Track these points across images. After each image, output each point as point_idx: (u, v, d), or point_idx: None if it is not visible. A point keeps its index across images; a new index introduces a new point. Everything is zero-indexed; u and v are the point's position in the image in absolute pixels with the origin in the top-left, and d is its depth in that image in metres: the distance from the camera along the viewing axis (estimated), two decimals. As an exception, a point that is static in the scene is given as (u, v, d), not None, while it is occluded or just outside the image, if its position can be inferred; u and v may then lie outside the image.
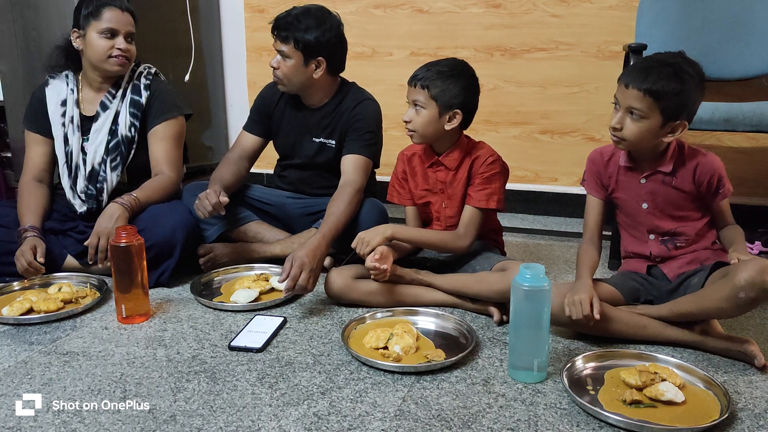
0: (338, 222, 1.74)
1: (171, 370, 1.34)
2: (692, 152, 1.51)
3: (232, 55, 3.05)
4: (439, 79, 1.61)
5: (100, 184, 1.90)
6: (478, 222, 1.68)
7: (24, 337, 1.50)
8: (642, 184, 1.54)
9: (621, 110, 1.45)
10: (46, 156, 1.94)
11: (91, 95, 1.92)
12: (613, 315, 1.45)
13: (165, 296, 1.76)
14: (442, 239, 1.69)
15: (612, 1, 2.46)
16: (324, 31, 1.84)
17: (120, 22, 1.82)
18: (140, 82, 1.93)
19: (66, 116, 1.90)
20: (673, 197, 1.52)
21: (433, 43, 2.70)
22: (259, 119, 2.05)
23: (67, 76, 1.93)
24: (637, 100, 1.40)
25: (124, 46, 1.83)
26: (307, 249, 1.62)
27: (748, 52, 2.16)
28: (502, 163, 1.71)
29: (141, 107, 1.91)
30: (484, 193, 1.67)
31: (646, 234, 1.57)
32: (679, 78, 1.38)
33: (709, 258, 1.52)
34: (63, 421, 1.15)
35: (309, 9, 1.87)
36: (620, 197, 1.59)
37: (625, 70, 1.47)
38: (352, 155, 1.89)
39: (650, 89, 1.39)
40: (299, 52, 1.83)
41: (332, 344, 1.46)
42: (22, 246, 1.71)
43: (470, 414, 1.17)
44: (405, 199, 1.82)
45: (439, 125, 1.64)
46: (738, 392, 1.26)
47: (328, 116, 1.96)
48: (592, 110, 2.57)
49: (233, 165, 1.99)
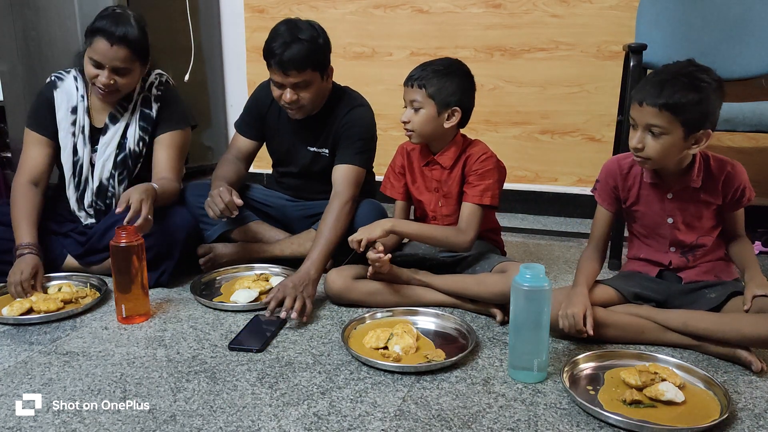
0: (328, 243, 1.71)
1: (171, 370, 1.34)
2: (719, 164, 1.47)
3: (232, 55, 3.05)
4: (435, 78, 1.61)
5: (109, 200, 1.87)
6: (477, 218, 1.67)
7: (24, 337, 1.50)
8: (669, 200, 1.49)
9: (639, 129, 1.39)
10: (46, 158, 1.85)
11: (101, 104, 1.85)
12: (610, 321, 1.44)
13: (165, 296, 1.76)
14: (444, 233, 1.68)
15: (612, 1, 2.46)
16: (323, 35, 1.79)
17: (106, 56, 1.69)
18: (151, 94, 1.87)
19: (77, 125, 1.83)
20: (701, 211, 1.49)
21: (433, 43, 2.70)
22: (251, 121, 2.02)
23: (76, 78, 1.85)
24: (655, 116, 1.35)
25: (105, 80, 1.71)
26: (294, 277, 1.61)
27: (747, 52, 2.16)
28: (496, 160, 1.71)
29: (151, 121, 1.86)
30: (478, 189, 1.67)
31: (666, 246, 1.54)
32: (696, 87, 1.33)
33: (723, 270, 1.51)
34: (63, 421, 1.15)
35: (293, 24, 1.76)
36: (640, 211, 1.55)
37: (637, 87, 1.40)
38: (343, 165, 1.85)
39: (667, 104, 1.33)
40: (317, 72, 1.77)
41: (332, 344, 1.46)
42: (22, 265, 1.65)
43: (470, 414, 1.17)
44: (397, 193, 1.82)
45: (438, 123, 1.64)
46: (738, 392, 1.26)
47: (322, 124, 1.92)
48: (592, 110, 2.57)
49: (232, 164, 1.98)
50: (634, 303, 1.50)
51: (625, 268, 1.66)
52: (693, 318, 1.40)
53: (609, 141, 2.47)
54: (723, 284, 1.48)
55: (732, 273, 1.54)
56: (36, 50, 2.37)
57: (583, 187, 2.65)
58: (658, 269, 1.56)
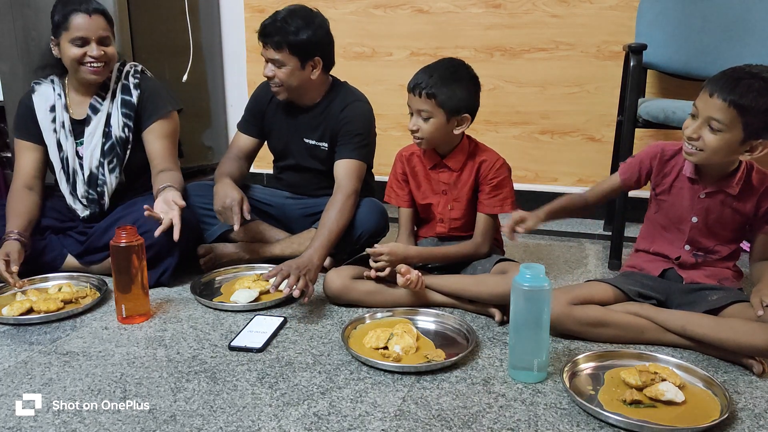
0: (330, 234, 1.73)
1: (171, 370, 1.34)
2: (761, 177, 1.45)
3: (231, 55, 3.05)
4: (444, 86, 1.58)
5: (100, 187, 1.89)
6: (492, 227, 1.72)
7: (24, 337, 1.50)
8: (700, 198, 1.48)
9: (699, 120, 1.37)
10: (36, 162, 1.91)
11: (79, 98, 1.90)
12: (610, 320, 1.44)
13: (165, 296, 1.76)
14: (466, 253, 1.71)
15: (612, 1, 2.46)
16: (315, 30, 1.81)
17: (89, 28, 1.75)
18: (129, 81, 1.90)
19: (56, 122, 1.88)
20: (727, 218, 1.48)
21: (433, 43, 2.70)
22: (252, 119, 2.05)
23: (53, 81, 1.90)
24: (720, 111, 1.32)
25: (96, 52, 1.77)
26: (298, 260, 1.62)
27: (747, 52, 2.15)
28: (507, 166, 1.72)
29: (133, 107, 1.89)
30: (497, 199, 1.68)
31: (682, 242, 1.54)
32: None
33: (728, 278, 1.51)
34: (63, 421, 1.15)
35: (293, 10, 1.83)
36: (668, 201, 1.54)
37: (712, 78, 1.37)
38: (344, 160, 1.87)
39: (736, 101, 1.30)
40: (295, 57, 1.81)
41: (332, 344, 1.46)
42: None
43: (470, 414, 1.17)
44: (402, 201, 1.81)
45: (448, 130, 1.64)
46: (738, 392, 1.26)
47: (318, 117, 1.94)
48: (592, 110, 2.57)
49: (234, 162, 2.00)
50: (635, 300, 1.49)
51: (630, 260, 1.66)
52: (692, 322, 1.40)
53: (609, 141, 2.46)
54: (726, 290, 1.47)
55: (737, 284, 1.53)
56: (36, 50, 2.37)
57: (583, 187, 2.64)
58: (662, 268, 1.56)
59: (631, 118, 2.04)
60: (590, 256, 2.18)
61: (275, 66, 1.83)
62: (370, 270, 1.64)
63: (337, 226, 1.75)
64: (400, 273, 1.60)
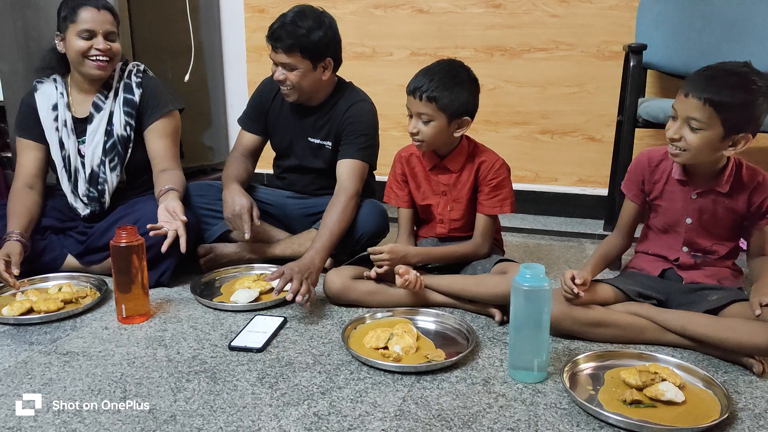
0: (332, 235, 1.73)
1: (171, 370, 1.34)
2: (751, 172, 1.46)
3: (232, 55, 3.05)
4: (445, 90, 1.57)
5: (101, 186, 1.89)
6: (492, 228, 1.72)
7: (24, 337, 1.50)
8: (692, 199, 1.49)
9: (679, 120, 1.38)
10: (37, 162, 1.91)
11: (81, 97, 1.90)
12: (610, 320, 1.44)
13: (165, 296, 1.76)
14: (465, 253, 1.71)
15: (612, 1, 2.46)
16: (326, 30, 1.80)
17: (97, 21, 1.77)
18: (131, 80, 1.91)
19: (59, 120, 1.88)
20: (721, 217, 1.49)
21: (433, 43, 2.70)
22: (255, 116, 2.04)
23: (55, 80, 1.91)
24: (697, 109, 1.34)
25: (103, 45, 1.78)
26: (299, 263, 1.62)
27: (747, 53, 2.16)
28: (507, 166, 1.72)
29: (135, 105, 1.89)
30: (497, 199, 1.68)
31: (680, 244, 1.54)
32: (745, 89, 1.31)
33: (727, 277, 1.51)
34: (63, 421, 1.15)
35: (301, 11, 1.79)
36: (662, 206, 1.55)
37: (687, 78, 1.39)
38: (347, 160, 1.87)
39: (711, 99, 1.32)
40: (307, 60, 1.78)
41: (332, 344, 1.46)
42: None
43: (470, 414, 1.17)
44: (402, 201, 1.81)
45: (449, 133, 1.63)
46: (738, 392, 1.26)
47: (324, 116, 1.94)
48: (592, 110, 2.57)
49: (241, 163, 2.00)
50: (635, 300, 1.50)
51: (631, 261, 1.66)
52: (692, 323, 1.40)
53: (609, 141, 2.47)
54: (725, 289, 1.47)
55: (736, 283, 1.53)
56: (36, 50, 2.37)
57: (583, 187, 2.65)
58: (661, 268, 1.56)
59: (631, 118, 2.04)
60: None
61: (286, 69, 1.80)
62: (371, 270, 1.65)
63: (339, 228, 1.75)
64: (398, 274, 1.60)
